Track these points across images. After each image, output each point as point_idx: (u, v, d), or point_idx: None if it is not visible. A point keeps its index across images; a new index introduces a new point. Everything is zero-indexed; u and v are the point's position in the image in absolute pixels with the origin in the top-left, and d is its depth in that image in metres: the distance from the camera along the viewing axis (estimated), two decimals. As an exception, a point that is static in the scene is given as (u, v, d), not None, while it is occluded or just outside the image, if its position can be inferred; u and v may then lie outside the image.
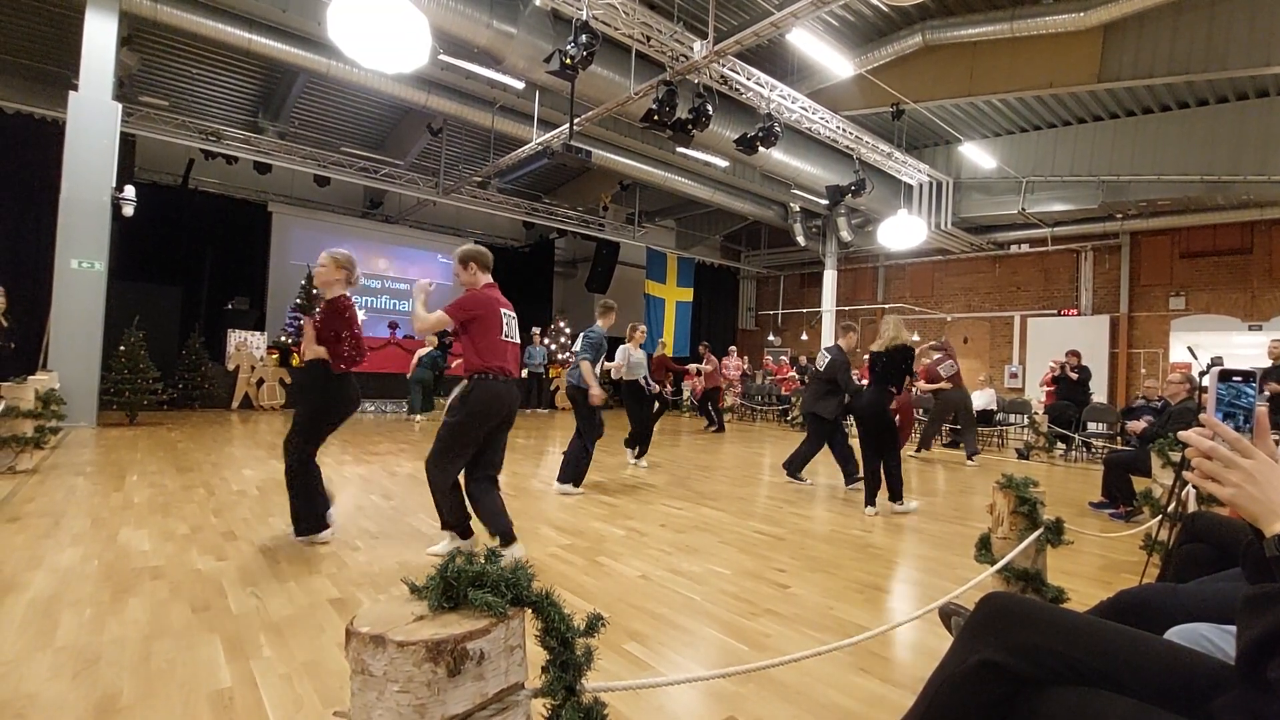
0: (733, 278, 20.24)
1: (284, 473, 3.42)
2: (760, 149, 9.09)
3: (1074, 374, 9.16)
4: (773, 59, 9.83)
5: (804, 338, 18.09)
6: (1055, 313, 14.35)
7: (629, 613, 2.66)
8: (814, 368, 6.61)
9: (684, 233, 19.07)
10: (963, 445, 8.60)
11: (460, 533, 3.36)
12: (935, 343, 8.88)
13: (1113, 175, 11.29)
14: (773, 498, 5.42)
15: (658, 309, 16.83)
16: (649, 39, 7.57)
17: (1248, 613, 0.82)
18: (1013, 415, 10.71)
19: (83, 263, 7.71)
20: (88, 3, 7.54)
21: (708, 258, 18.86)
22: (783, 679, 2.11)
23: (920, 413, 9.50)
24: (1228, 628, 1.11)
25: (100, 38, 7.68)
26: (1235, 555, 1.02)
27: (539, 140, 10.33)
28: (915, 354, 5.17)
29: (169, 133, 10.54)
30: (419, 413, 10.78)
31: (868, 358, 5.23)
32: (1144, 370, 12.89)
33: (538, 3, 7.54)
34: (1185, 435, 0.91)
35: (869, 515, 4.81)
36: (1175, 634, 1.16)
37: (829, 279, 16.44)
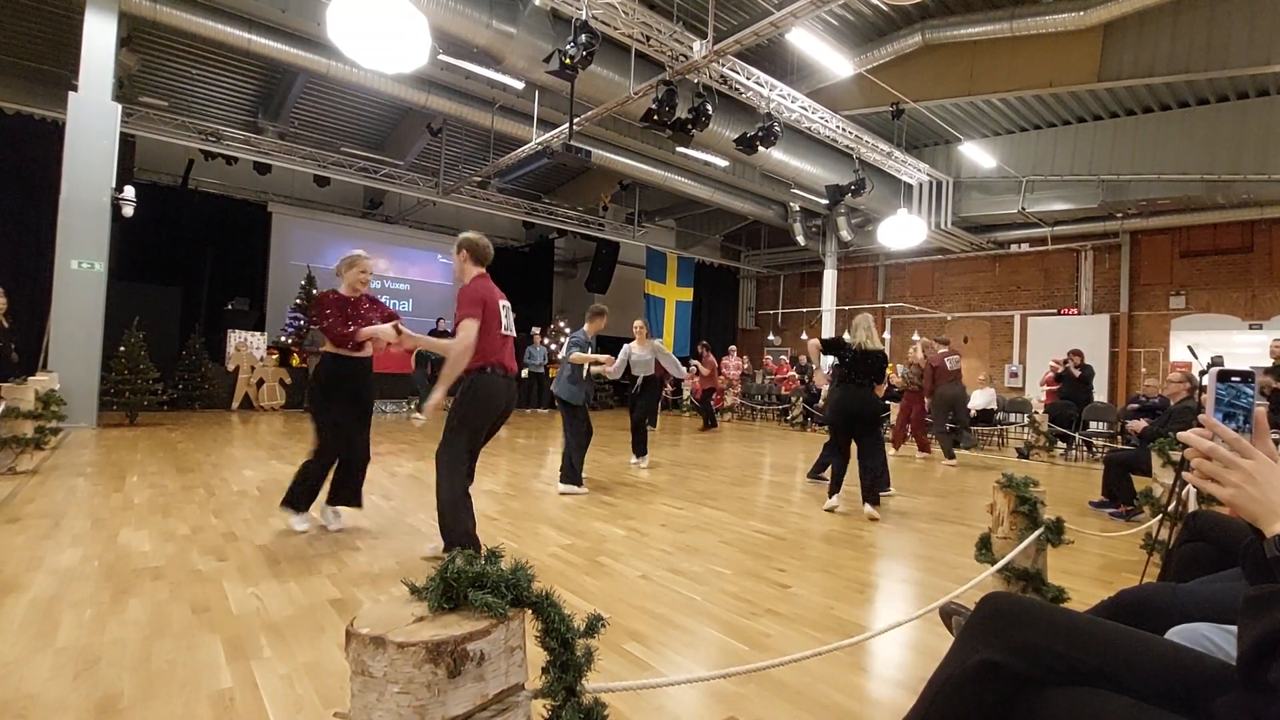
0: (733, 277, 20.24)
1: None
2: (760, 148, 9.09)
3: (1078, 371, 9.17)
4: (772, 59, 9.83)
5: (804, 337, 18.08)
6: (1055, 312, 14.35)
7: (629, 613, 2.66)
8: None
9: (684, 232, 19.06)
10: (940, 444, 8.09)
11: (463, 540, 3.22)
12: (940, 339, 8.80)
13: (1113, 174, 11.29)
14: (773, 497, 5.42)
15: (658, 309, 16.83)
16: (649, 39, 7.57)
17: (1248, 613, 0.82)
18: (1013, 415, 10.72)
19: (83, 263, 7.72)
20: (87, 3, 7.53)
21: (708, 257, 18.85)
22: (783, 679, 2.11)
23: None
24: (1228, 628, 1.11)
25: (100, 38, 7.68)
26: (1236, 555, 1.02)
27: (539, 140, 10.33)
28: (887, 359, 5.13)
29: (169, 133, 10.54)
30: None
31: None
32: (1144, 369, 12.89)
33: (537, 3, 7.54)
34: (1184, 436, 0.91)
35: (831, 506, 4.87)
36: (1176, 634, 1.16)
37: (829, 279, 16.45)
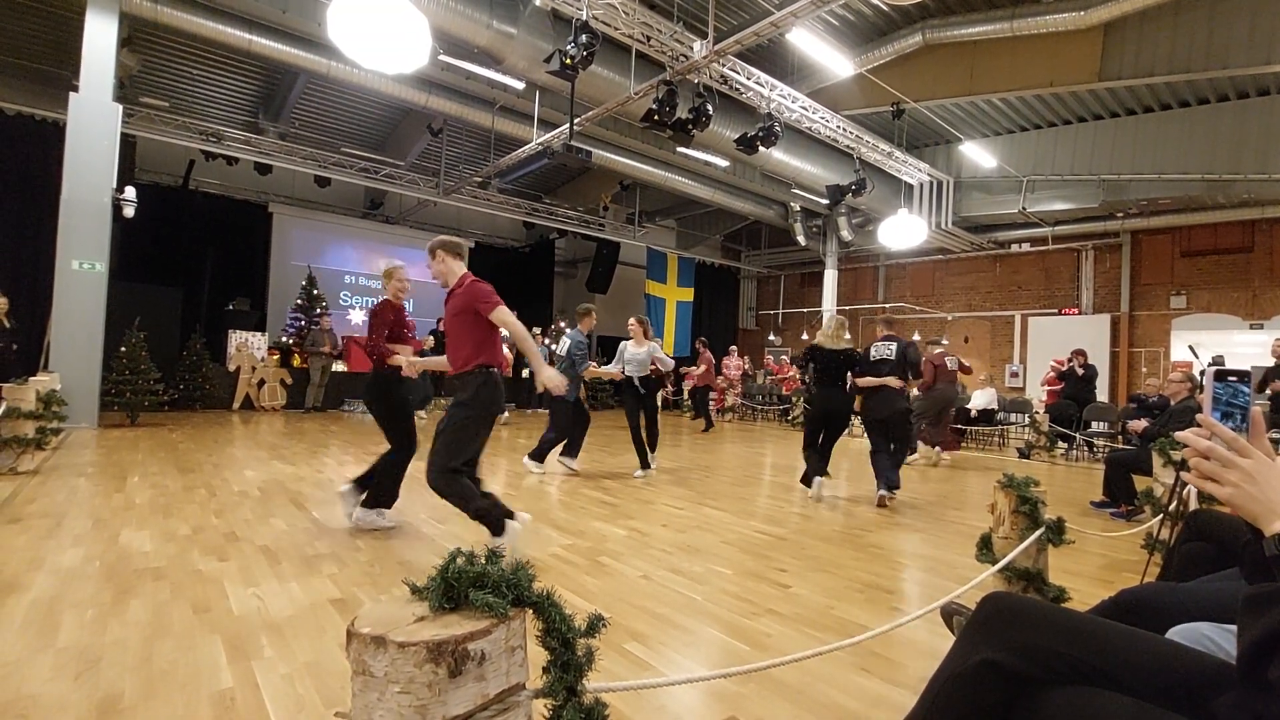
0: (733, 277, 20.24)
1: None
2: (760, 148, 9.09)
3: (1082, 370, 9.17)
4: (773, 59, 9.83)
5: (804, 337, 18.08)
6: (1056, 312, 14.35)
7: (630, 613, 2.66)
8: (872, 360, 5.46)
9: (684, 232, 19.06)
10: (922, 442, 7.93)
11: (506, 516, 3.19)
12: (931, 340, 8.76)
13: (1113, 174, 11.28)
14: (774, 497, 5.42)
15: (658, 309, 16.83)
16: (649, 39, 7.57)
17: (1248, 612, 0.82)
18: (1014, 415, 10.71)
19: (83, 264, 7.72)
20: (88, 4, 7.54)
21: (708, 257, 18.85)
22: (784, 679, 2.11)
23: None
24: (1229, 627, 1.11)
25: (100, 39, 7.68)
26: (1236, 554, 1.02)
27: (539, 140, 10.33)
28: (854, 357, 5.46)
29: (169, 134, 10.55)
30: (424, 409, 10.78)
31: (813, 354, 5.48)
32: (1145, 369, 12.88)
33: (538, 3, 7.54)
34: (1183, 435, 0.91)
35: (811, 496, 5.29)
36: (1176, 633, 1.16)
37: (829, 278, 16.44)
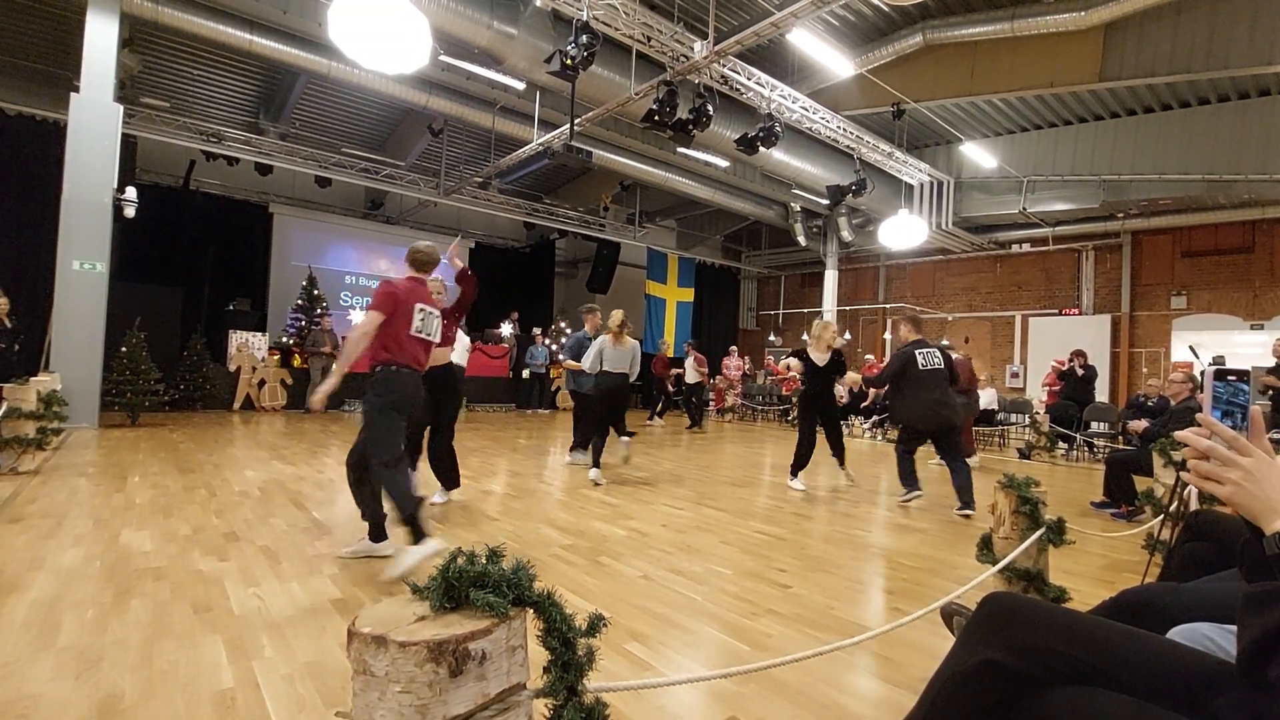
0: (733, 278, 20.23)
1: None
2: (761, 149, 9.09)
3: (1082, 370, 9.17)
4: (773, 59, 9.84)
5: (805, 338, 18.07)
6: (1056, 312, 14.34)
7: (630, 613, 2.66)
8: (924, 369, 5.22)
9: (685, 233, 19.06)
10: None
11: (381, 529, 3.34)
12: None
13: (1114, 174, 11.28)
14: (773, 498, 5.42)
15: (659, 309, 16.84)
16: (649, 39, 7.57)
17: (1248, 611, 0.82)
18: (1014, 415, 10.71)
19: (84, 264, 7.73)
20: (89, 4, 7.54)
21: (708, 258, 18.85)
22: (784, 679, 2.11)
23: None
24: (1230, 627, 1.10)
25: (101, 39, 7.68)
26: (1237, 554, 1.02)
27: (540, 141, 10.34)
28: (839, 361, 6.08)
29: (170, 134, 10.55)
30: None
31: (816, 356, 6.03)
32: (1145, 370, 12.88)
33: (538, 3, 7.55)
34: (1183, 435, 0.91)
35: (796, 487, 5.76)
36: (1177, 633, 1.16)
37: (830, 279, 16.44)
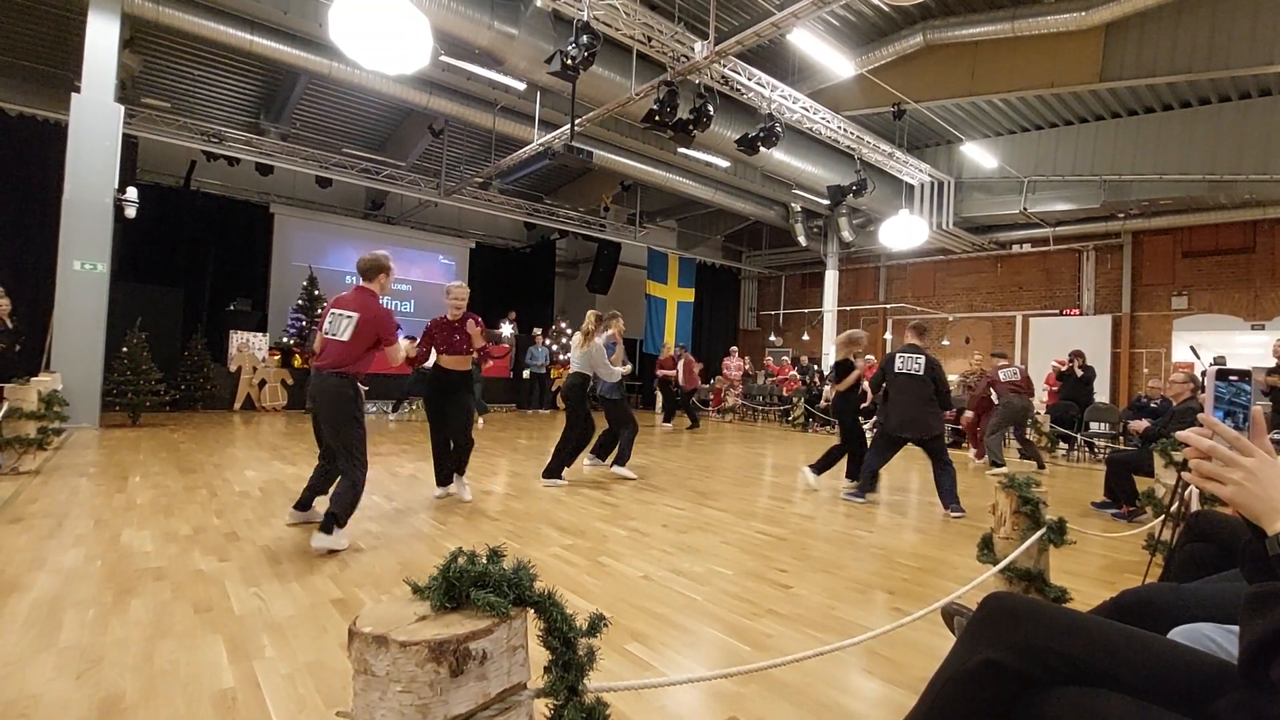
0: (734, 278, 20.24)
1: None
2: (761, 149, 9.09)
3: (1081, 371, 9.16)
4: (774, 59, 9.84)
5: (805, 338, 18.08)
6: (1057, 312, 14.33)
7: (631, 613, 2.66)
8: (898, 373, 5.20)
9: (685, 233, 19.06)
10: (990, 449, 7.51)
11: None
12: (996, 353, 8.74)
13: (1114, 175, 11.27)
14: (774, 498, 5.42)
15: (659, 309, 16.84)
16: (650, 40, 7.57)
17: (1250, 612, 0.82)
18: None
19: (85, 264, 7.73)
20: (90, 5, 7.55)
21: (709, 258, 18.85)
22: (785, 679, 2.11)
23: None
24: (1231, 628, 1.10)
25: (102, 40, 7.69)
26: (1237, 555, 1.02)
27: (540, 141, 10.34)
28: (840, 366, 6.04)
29: (171, 134, 10.56)
30: (482, 414, 10.71)
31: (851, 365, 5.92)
32: (1146, 370, 12.87)
33: (539, 4, 7.55)
34: (1184, 435, 0.90)
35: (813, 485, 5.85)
36: (1178, 634, 1.15)
37: (830, 279, 16.44)
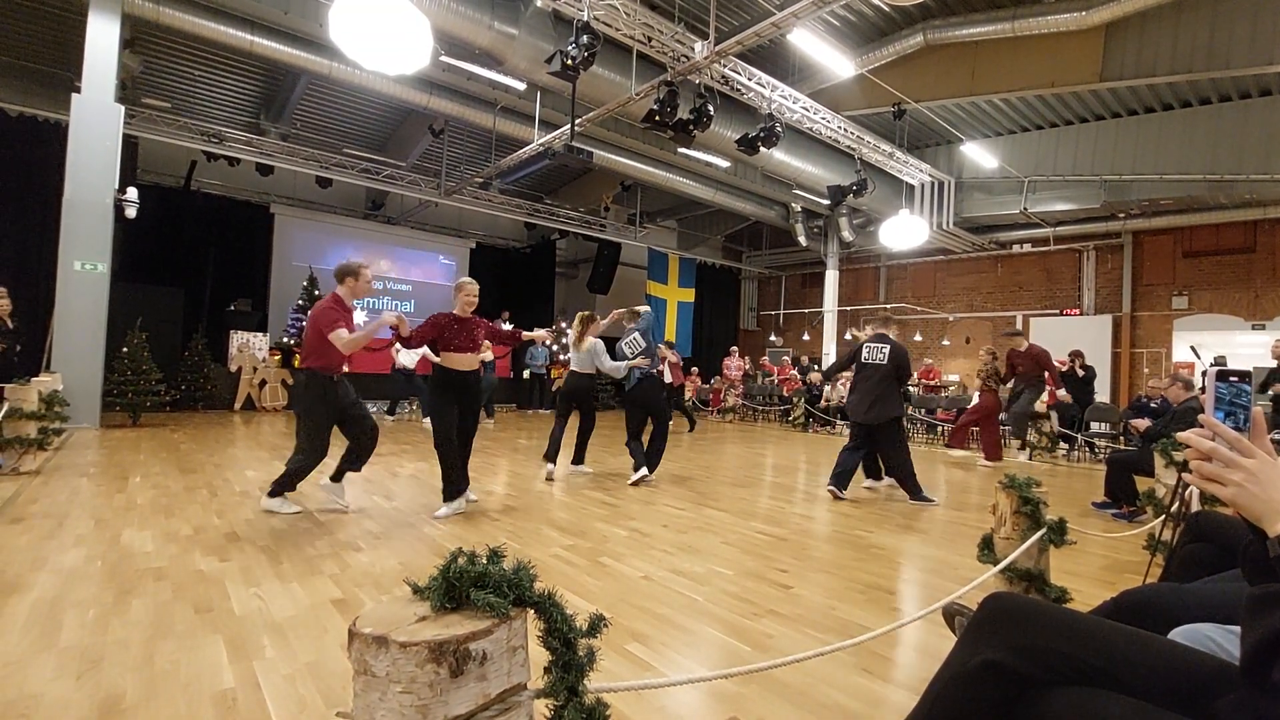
0: (734, 278, 20.24)
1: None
2: (761, 149, 9.09)
3: (1082, 372, 9.16)
4: (774, 59, 9.84)
5: (805, 338, 18.08)
6: (1058, 312, 14.33)
7: (631, 613, 2.66)
8: (863, 362, 5.42)
9: (685, 233, 19.07)
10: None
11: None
12: (1012, 330, 8.63)
13: (1115, 175, 11.27)
14: (775, 498, 5.42)
15: (659, 310, 16.84)
16: (650, 40, 7.57)
17: (1252, 614, 0.82)
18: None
19: (85, 264, 7.74)
20: (90, 5, 7.56)
21: (709, 258, 18.85)
22: (785, 679, 2.11)
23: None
24: (1232, 628, 1.10)
25: (102, 40, 7.69)
26: (1238, 555, 1.01)
27: (540, 141, 10.34)
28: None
29: (171, 134, 10.56)
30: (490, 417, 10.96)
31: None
32: (1147, 370, 12.87)
33: (539, 4, 7.55)
34: (1185, 436, 0.90)
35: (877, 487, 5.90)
36: (1179, 634, 1.15)
37: (830, 279, 16.44)
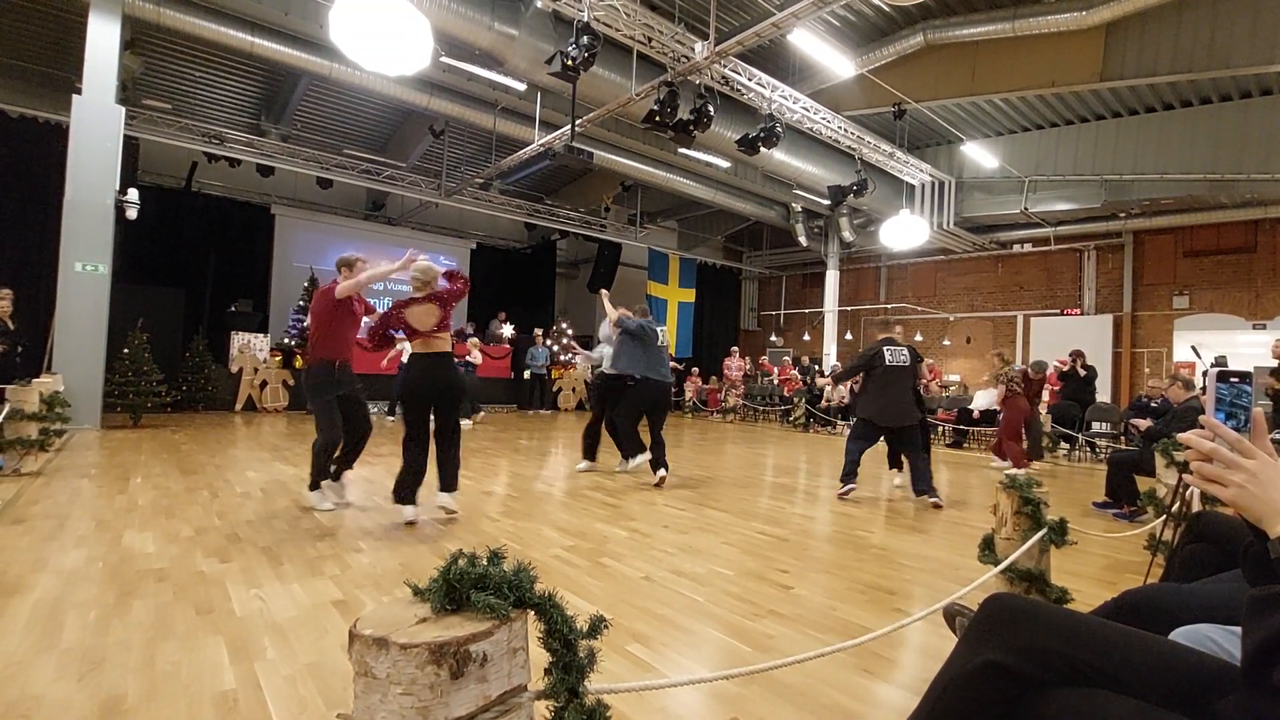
0: (735, 278, 20.23)
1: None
2: (762, 149, 9.09)
3: (1083, 371, 9.16)
4: (774, 59, 9.84)
5: (806, 338, 18.07)
6: (1058, 312, 14.33)
7: (632, 614, 2.66)
8: (890, 365, 5.47)
9: (686, 233, 19.07)
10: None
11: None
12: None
13: (1115, 174, 11.27)
14: (775, 498, 5.42)
15: (660, 310, 16.83)
16: (650, 40, 7.57)
17: (1253, 615, 0.82)
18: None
19: (86, 265, 7.74)
20: (91, 6, 7.57)
21: (710, 258, 18.85)
22: (786, 680, 2.11)
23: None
24: (1233, 629, 1.10)
25: (103, 41, 7.70)
26: (1238, 556, 1.01)
27: (541, 142, 10.34)
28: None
29: (172, 135, 10.58)
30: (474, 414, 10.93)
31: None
32: (1148, 370, 12.86)
33: (539, 4, 7.55)
34: (1185, 437, 0.90)
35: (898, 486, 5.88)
36: (1180, 635, 1.15)
37: (831, 279, 16.44)
